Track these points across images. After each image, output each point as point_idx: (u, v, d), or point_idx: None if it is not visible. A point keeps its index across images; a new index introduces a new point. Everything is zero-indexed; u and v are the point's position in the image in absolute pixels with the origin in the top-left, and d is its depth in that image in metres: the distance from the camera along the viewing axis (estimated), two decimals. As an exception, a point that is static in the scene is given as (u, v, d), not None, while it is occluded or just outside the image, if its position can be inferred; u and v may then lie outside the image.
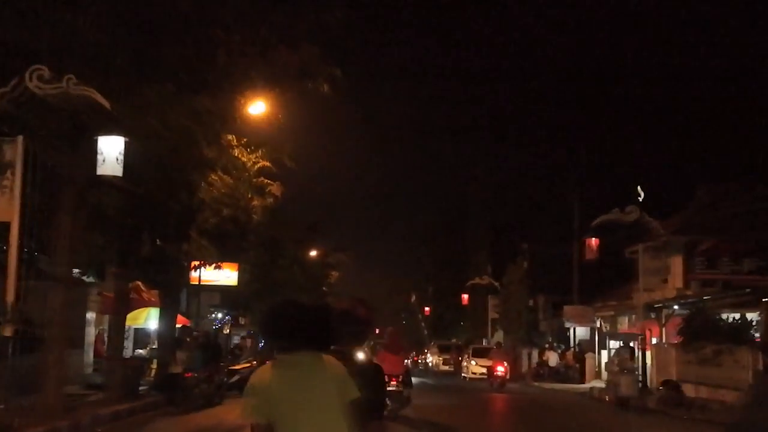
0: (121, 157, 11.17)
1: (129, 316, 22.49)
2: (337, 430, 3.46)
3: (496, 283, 43.70)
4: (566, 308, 33.74)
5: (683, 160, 39.79)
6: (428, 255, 56.91)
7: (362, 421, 3.59)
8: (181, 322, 21.62)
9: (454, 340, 50.45)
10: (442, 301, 53.99)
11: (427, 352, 53.05)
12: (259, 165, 30.37)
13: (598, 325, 33.45)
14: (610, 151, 43.23)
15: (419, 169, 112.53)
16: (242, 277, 39.06)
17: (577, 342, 37.92)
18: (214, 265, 35.83)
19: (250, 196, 27.44)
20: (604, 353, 32.49)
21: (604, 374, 28.30)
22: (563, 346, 38.74)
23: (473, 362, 37.22)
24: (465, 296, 47.21)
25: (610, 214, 23.03)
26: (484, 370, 35.18)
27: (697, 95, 41.93)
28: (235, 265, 37.72)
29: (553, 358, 34.90)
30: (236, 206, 28.51)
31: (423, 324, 68.01)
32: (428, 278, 60.04)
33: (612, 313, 32.71)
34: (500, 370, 30.02)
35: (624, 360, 20.69)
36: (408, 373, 17.69)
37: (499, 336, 46.69)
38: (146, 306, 22.86)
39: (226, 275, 38.02)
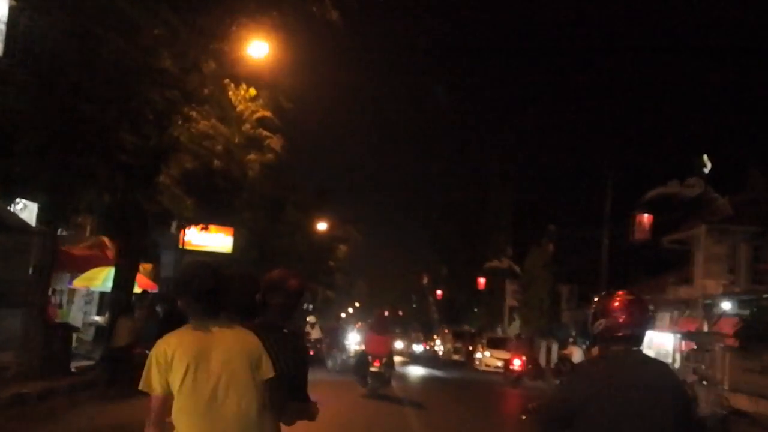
0: (2, 28, 7.48)
1: (86, 275, 19.08)
2: (244, 408, 3.27)
3: (517, 268, 39.87)
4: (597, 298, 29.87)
5: (731, 141, 35.86)
6: (444, 233, 52.72)
7: (281, 401, 3.44)
8: (144, 286, 18.08)
9: (466, 327, 46.72)
10: (455, 284, 50.04)
11: (436, 339, 49.16)
12: (257, 114, 27.00)
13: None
14: (650, 125, 39.51)
15: (438, 139, 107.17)
16: (238, 243, 35.64)
17: (603, 337, 34.21)
18: (200, 227, 32.34)
19: (237, 140, 23.88)
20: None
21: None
22: (588, 342, 35.01)
23: (487, 353, 33.61)
24: (482, 280, 43.34)
25: (668, 187, 19.06)
26: (500, 364, 31.89)
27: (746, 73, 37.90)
28: (230, 230, 34.28)
29: (577, 354, 31.07)
30: (228, 158, 25.10)
31: (434, 307, 64.06)
32: (443, 258, 55.97)
33: (651, 307, 28.91)
34: (517, 363, 26.73)
35: (702, 368, 16.12)
36: (391, 355, 17.84)
37: (515, 326, 42.97)
38: (109, 265, 19.31)
39: (219, 240, 34.60)
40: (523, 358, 27.47)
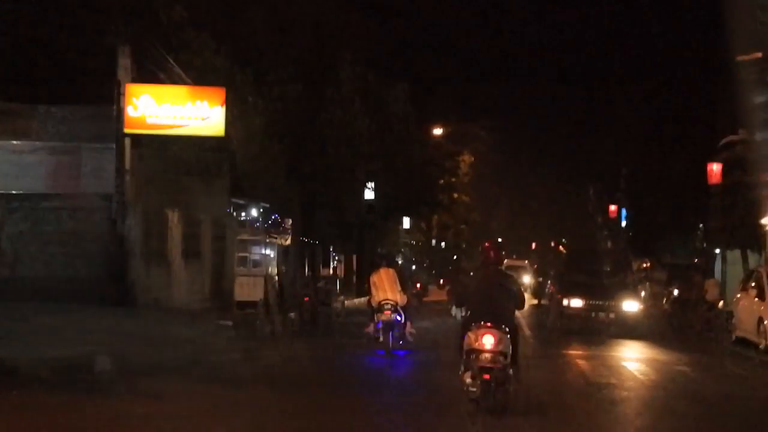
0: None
1: None
2: None
3: (785, 141, 20.98)
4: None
5: None
6: (627, 108, 33.03)
7: None
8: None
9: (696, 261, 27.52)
10: (644, 191, 31.17)
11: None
12: None
13: None
14: None
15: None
16: (242, 123, 19.19)
17: None
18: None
19: None
20: None
21: None
22: None
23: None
24: (714, 167, 24.16)
25: None
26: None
27: None
28: (221, 93, 17.82)
29: None
30: None
31: (604, 233, 43.81)
32: (621, 153, 36.10)
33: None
34: None
35: None
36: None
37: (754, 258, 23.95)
38: None
39: (201, 114, 18.15)
40: None
